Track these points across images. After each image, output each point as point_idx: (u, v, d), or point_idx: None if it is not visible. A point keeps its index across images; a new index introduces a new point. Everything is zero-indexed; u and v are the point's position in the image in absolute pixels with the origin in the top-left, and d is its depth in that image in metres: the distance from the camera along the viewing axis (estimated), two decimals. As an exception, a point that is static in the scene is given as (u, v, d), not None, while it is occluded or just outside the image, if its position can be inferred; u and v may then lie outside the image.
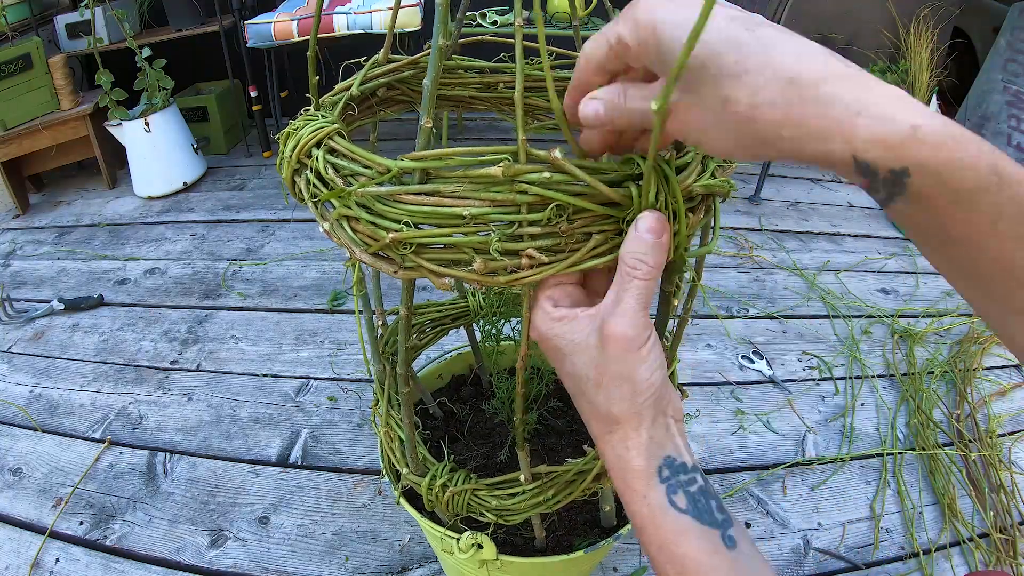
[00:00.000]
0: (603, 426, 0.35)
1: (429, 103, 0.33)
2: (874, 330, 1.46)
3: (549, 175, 0.32)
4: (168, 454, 1.11)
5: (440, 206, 0.33)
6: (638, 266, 0.33)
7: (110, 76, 1.83)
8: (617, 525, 0.69)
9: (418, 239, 0.33)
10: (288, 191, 0.41)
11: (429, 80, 0.33)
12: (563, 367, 0.37)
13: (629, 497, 0.35)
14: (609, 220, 0.34)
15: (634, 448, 0.34)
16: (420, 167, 0.33)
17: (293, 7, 1.85)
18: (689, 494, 0.33)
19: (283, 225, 1.86)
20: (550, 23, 2.01)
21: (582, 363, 0.35)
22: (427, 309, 0.77)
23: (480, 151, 0.32)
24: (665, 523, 0.33)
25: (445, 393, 0.86)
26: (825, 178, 2.27)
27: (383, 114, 0.56)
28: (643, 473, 0.34)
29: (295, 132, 0.40)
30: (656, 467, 0.34)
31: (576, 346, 0.35)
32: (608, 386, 0.34)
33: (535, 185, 0.32)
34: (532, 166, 0.32)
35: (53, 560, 0.93)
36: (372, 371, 0.65)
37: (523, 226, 0.33)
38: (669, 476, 0.34)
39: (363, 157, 0.35)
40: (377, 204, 0.34)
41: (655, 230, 0.33)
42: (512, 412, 0.69)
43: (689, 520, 0.33)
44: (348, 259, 0.38)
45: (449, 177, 0.33)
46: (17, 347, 1.39)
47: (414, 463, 0.59)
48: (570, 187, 0.33)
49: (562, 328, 0.35)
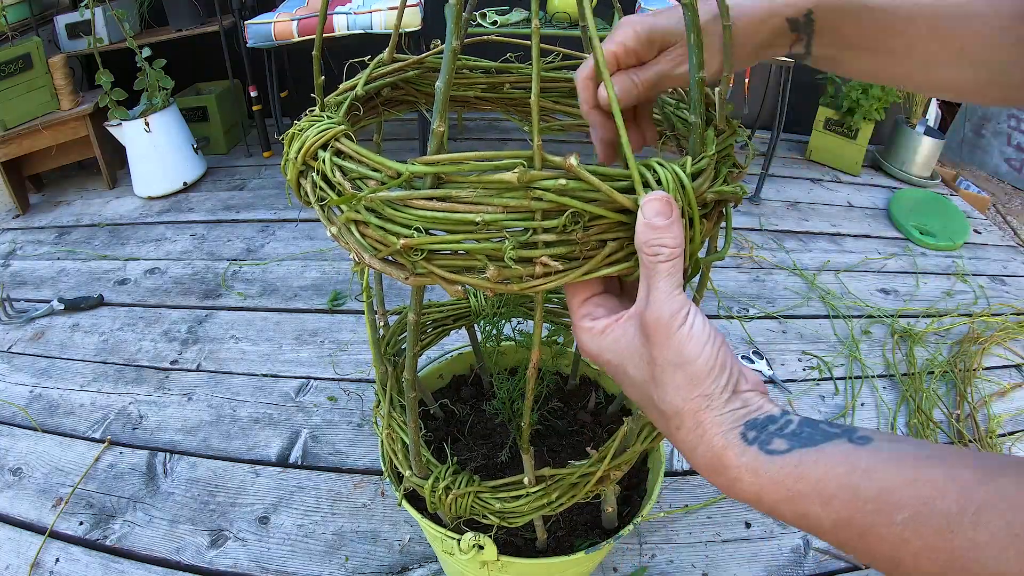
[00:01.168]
0: (672, 423, 0.32)
1: (442, 106, 0.33)
2: (874, 330, 1.46)
3: (565, 182, 0.31)
4: (168, 454, 1.11)
5: (453, 212, 0.32)
6: (658, 251, 0.32)
7: (110, 76, 1.83)
8: (618, 526, 0.69)
9: (430, 245, 0.33)
10: (293, 193, 0.41)
11: (443, 83, 0.33)
12: (623, 381, 0.34)
13: (730, 485, 0.30)
14: (624, 227, 0.34)
15: (708, 430, 0.30)
16: (433, 171, 0.33)
17: (293, 7, 1.84)
18: (789, 434, 0.29)
19: (283, 225, 1.86)
20: (550, 23, 2.01)
21: (635, 368, 0.33)
22: (428, 309, 0.77)
23: (495, 155, 0.32)
24: (777, 472, 0.28)
25: (446, 393, 0.86)
26: (825, 178, 2.28)
27: (387, 114, 0.56)
28: (726, 448, 0.30)
29: (300, 133, 0.40)
30: (739, 434, 0.30)
31: (626, 353, 0.33)
32: (663, 380, 0.31)
33: (551, 192, 0.32)
34: (547, 172, 0.32)
35: (53, 560, 0.93)
36: (376, 372, 0.65)
37: (538, 233, 0.32)
38: (757, 435, 0.29)
39: (371, 160, 0.35)
40: (387, 209, 0.34)
41: (663, 212, 0.32)
42: (513, 413, 0.69)
43: (801, 452, 0.28)
44: (355, 263, 0.37)
45: (462, 182, 0.33)
46: (17, 347, 1.39)
47: (417, 465, 0.58)
48: (586, 194, 0.32)
49: (607, 340, 0.34)
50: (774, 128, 1.93)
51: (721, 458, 0.30)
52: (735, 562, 0.94)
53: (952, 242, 1.87)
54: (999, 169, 2.60)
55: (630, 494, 0.75)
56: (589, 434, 0.79)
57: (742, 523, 1.00)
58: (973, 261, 1.82)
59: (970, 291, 1.66)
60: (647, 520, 1.00)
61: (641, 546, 0.96)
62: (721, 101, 0.41)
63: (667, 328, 0.31)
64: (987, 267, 1.79)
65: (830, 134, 2.32)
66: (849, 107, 2.19)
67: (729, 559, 0.95)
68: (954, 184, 2.33)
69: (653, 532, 0.98)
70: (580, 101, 0.43)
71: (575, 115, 0.59)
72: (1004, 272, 1.77)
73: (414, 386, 0.52)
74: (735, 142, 0.40)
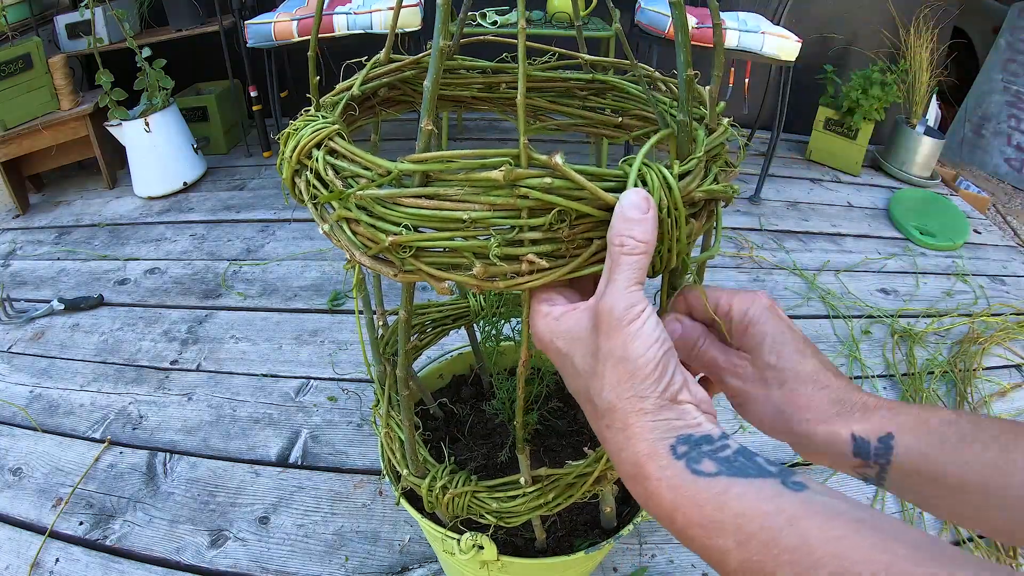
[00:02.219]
0: (603, 420, 0.31)
1: (429, 105, 0.33)
2: (874, 330, 1.46)
3: (551, 180, 0.32)
4: (168, 454, 1.11)
5: (440, 209, 0.32)
6: (624, 242, 0.31)
7: (110, 76, 1.83)
8: (617, 526, 0.69)
9: (418, 242, 0.33)
10: (288, 192, 0.41)
11: (429, 82, 0.33)
12: (568, 372, 0.34)
13: (643, 489, 0.29)
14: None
15: (637, 434, 0.29)
16: (421, 170, 0.33)
17: (293, 7, 1.84)
18: (722, 459, 0.27)
19: (283, 225, 1.86)
20: (550, 23, 2.01)
21: (581, 357, 0.32)
22: (428, 309, 0.77)
23: (482, 154, 0.32)
24: (698, 494, 0.26)
25: (446, 393, 0.86)
26: (825, 178, 2.28)
27: (384, 114, 0.56)
28: (650, 457, 0.28)
29: (295, 133, 0.40)
30: (668, 446, 0.28)
31: (575, 340, 0.33)
32: (603, 372, 0.31)
33: (536, 190, 0.32)
34: (534, 171, 0.32)
35: (53, 560, 0.93)
36: (373, 372, 0.65)
37: (524, 231, 0.33)
38: (688, 450, 0.28)
39: (363, 159, 0.35)
40: (377, 207, 0.34)
41: (638, 206, 0.32)
42: (513, 413, 0.69)
43: (729, 480, 0.26)
44: (348, 261, 0.37)
45: (450, 180, 0.33)
46: (17, 347, 1.39)
47: (414, 464, 0.59)
48: (572, 192, 0.32)
49: (561, 327, 0.34)
50: (774, 128, 1.93)
51: (643, 466, 0.29)
52: (734, 562, 0.94)
53: (952, 242, 1.87)
54: (999, 169, 2.60)
55: (630, 494, 0.75)
56: (588, 434, 0.79)
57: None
58: (973, 261, 1.82)
59: (970, 291, 1.66)
60: (647, 520, 1.00)
61: (641, 546, 0.96)
62: (712, 100, 0.41)
63: (619, 320, 0.30)
64: (987, 267, 1.79)
65: (830, 134, 2.32)
66: (849, 107, 2.19)
67: (728, 559, 0.95)
68: (954, 184, 2.33)
69: (653, 532, 0.98)
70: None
71: (571, 115, 0.59)
72: (1004, 272, 1.77)
73: (407, 384, 0.52)
74: (727, 140, 0.40)
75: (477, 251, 0.33)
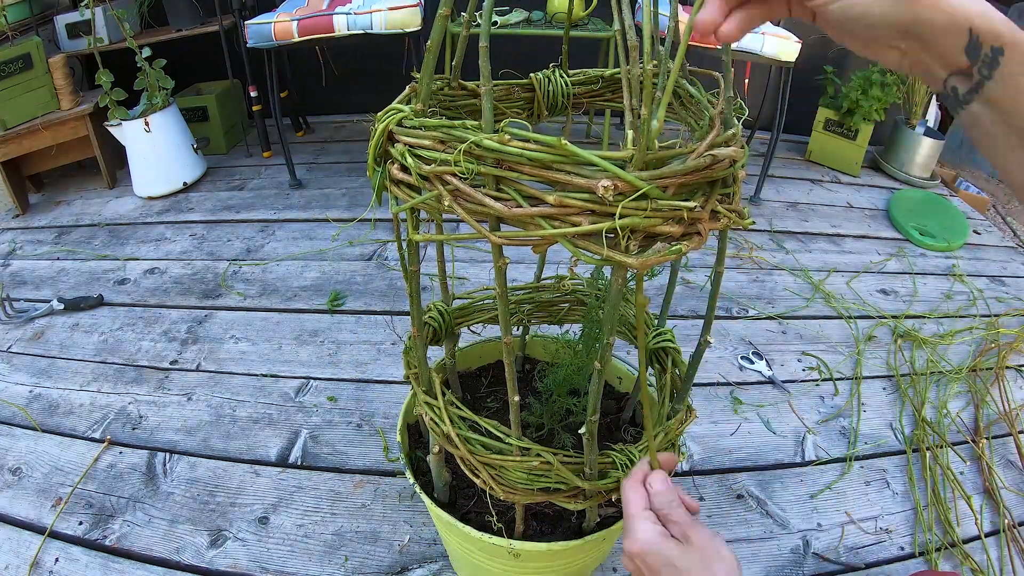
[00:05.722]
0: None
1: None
2: (875, 331, 1.46)
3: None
4: (168, 454, 1.11)
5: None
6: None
7: (110, 76, 1.83)
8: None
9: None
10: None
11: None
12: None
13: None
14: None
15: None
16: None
17: (293, 7, 1.84)
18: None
19: (283, 225, 1.86)
20: (550, 23, 2.01)
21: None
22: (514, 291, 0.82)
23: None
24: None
25: (482, 372, 0.90)
26: (825, 179, 2.28)
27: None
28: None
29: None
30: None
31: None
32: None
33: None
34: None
35: (52, 560, 0.93)
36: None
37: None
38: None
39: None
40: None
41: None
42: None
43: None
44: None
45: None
46: (17, 347, 1.39)
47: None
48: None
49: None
50: (774, 129, 1.93)
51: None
52: (734, 562, 0.94)
53: (952, 243, 1.87)
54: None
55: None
56: (615, 436, 0.80)
57: (742, 523, 1.00)
58: (973, 262, 1.82)
59: (969, 292, 1.66)
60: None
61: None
62: (728, 82, 0.42)
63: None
64: (987, 268, 1.79)
65: (830, 135, 2.32)
66: (849, 108, 2.19)
67: (728, 559, 0.95)
68: (954, 185, 2.33)
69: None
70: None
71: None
72: (1004, 273, 1.77)
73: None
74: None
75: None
